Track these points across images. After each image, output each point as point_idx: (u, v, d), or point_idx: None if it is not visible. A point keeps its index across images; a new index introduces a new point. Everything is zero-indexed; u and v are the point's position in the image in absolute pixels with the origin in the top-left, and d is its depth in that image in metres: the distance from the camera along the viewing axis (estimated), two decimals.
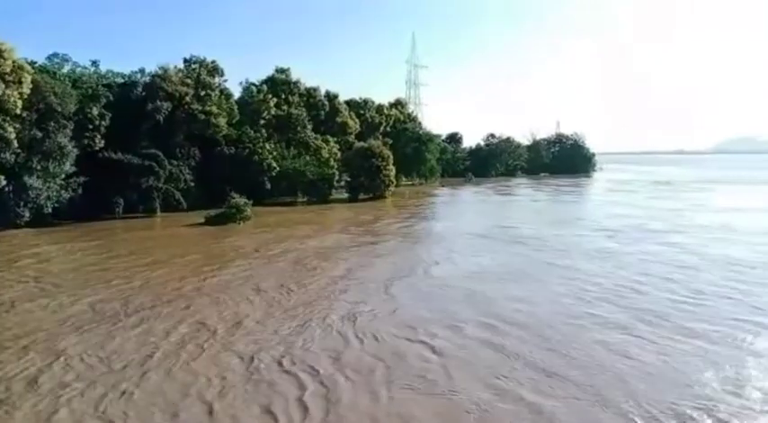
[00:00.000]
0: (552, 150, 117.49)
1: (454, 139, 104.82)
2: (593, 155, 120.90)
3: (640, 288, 19.41)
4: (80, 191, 39.34)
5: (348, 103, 73.79)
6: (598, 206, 52.52)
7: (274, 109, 58.17)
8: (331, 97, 69.00)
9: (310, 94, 65.92)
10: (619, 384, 11.40)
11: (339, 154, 60.69)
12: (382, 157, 59.53)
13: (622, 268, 22.82)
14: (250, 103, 57.16)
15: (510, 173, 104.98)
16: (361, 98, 78.21)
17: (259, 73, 59.70)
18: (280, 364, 12.78)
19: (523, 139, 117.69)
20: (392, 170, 60.79)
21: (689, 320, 15.60)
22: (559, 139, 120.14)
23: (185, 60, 52.50)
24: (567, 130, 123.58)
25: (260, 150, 52.25)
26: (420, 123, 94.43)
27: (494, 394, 11.06)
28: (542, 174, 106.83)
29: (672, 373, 12.01)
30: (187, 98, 48.53)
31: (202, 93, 50.56)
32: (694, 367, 12.26)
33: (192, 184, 46.52)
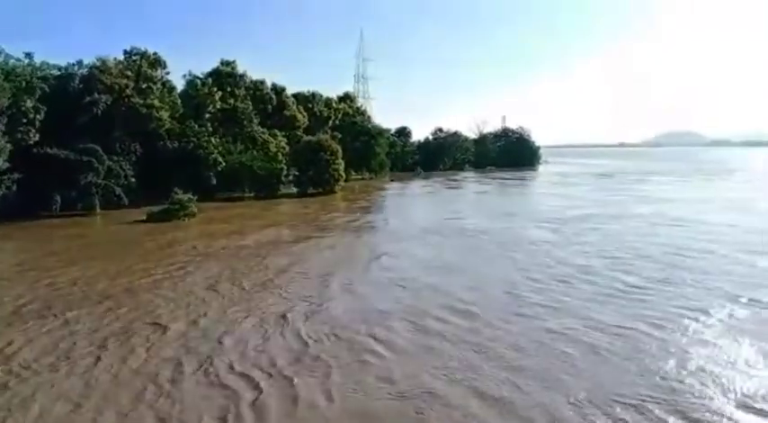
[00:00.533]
0: (498, 144, 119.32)
1: (403, 133, 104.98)
2: (539, 148, 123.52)
3: (588, 278, 19.99)
4: (14, 188, 37.60)
5: (296, 96, 72.78)
6: (543, 198, 53.90)
7: (219, 102, 56.95)
8: (278, 90, 68.01)
9: (257, 87, 64.75)
10: (568, 375, 11.75)
11: (287, 148, 59.97)
12: (331, 152, 59.15)
13: (566, 259, 23.43)
14: (194, 96, 55.76)
15: (458, 166, 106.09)
16: (309, 91, 77.21)
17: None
18: (231, 366, 12.48)
19: (470, 132, 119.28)
20: (341, 164, 60.49)
21: (632, 308, 16.20)
22: (505, 133, 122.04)
23: (125, 52, 50.81)
24: (512, 124, 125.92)
25: (205, 145, 51.09)
26: (369, 117, 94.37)
27: (446, 386, 11.20)
28: (489, 167, 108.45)
29: (617, 361, 12.45)
30: (127, 91, 47.02)
31: (144, 85, 49.07)
32: (636, 354, 12.75)
33: (134, 179, 45.09)
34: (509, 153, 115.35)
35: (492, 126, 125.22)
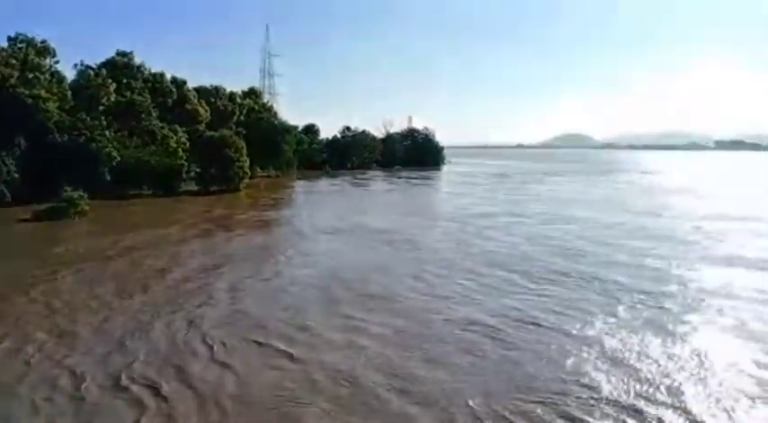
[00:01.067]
0: (405, 144, 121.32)
1: (311, 130, 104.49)
2: (443, 148, 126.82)
3: (491, 272, 20.66)
4: None
5: (198, 90, 70.23)
6: (446, 197, 55.48)
7: (115, 95, 53.89)
8: (179, 84, 65.39)
9: (156, 79, 61.97)
10: (477, 368, 12.13)
11: (188, 144, 57.79)
12: (235, 148, 57.70)
13: (469, 256, 24.16)
14: (86, 87, 52.41)
15: (366, 165, 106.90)
16: (212, 85, 74.70)
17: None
18: (117, 379, 11.68)
19: (377, 132, 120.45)
20: (246, 161, 59.08)
21: (531, 302, 16.90)
22: (411, 134, 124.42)
23: (9, 38, 47.08)
24: (418, 124, 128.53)
25: (98, 138, 47.99)
26: (276, 114, 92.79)
27: (336, 404, 10.77)
28: (396, 166, 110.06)
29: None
30: (11, 80, 43.59)
31: (30, 75, 45.65)
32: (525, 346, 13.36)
33: (17, 175, 41.81)
34: (415, 153, 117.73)
35: (398, 126, 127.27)
